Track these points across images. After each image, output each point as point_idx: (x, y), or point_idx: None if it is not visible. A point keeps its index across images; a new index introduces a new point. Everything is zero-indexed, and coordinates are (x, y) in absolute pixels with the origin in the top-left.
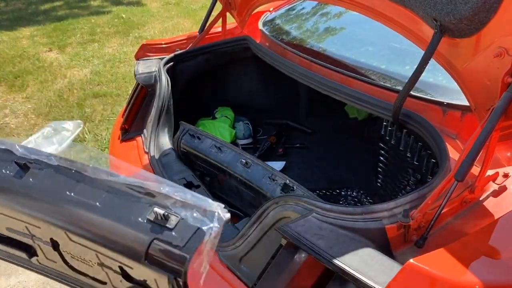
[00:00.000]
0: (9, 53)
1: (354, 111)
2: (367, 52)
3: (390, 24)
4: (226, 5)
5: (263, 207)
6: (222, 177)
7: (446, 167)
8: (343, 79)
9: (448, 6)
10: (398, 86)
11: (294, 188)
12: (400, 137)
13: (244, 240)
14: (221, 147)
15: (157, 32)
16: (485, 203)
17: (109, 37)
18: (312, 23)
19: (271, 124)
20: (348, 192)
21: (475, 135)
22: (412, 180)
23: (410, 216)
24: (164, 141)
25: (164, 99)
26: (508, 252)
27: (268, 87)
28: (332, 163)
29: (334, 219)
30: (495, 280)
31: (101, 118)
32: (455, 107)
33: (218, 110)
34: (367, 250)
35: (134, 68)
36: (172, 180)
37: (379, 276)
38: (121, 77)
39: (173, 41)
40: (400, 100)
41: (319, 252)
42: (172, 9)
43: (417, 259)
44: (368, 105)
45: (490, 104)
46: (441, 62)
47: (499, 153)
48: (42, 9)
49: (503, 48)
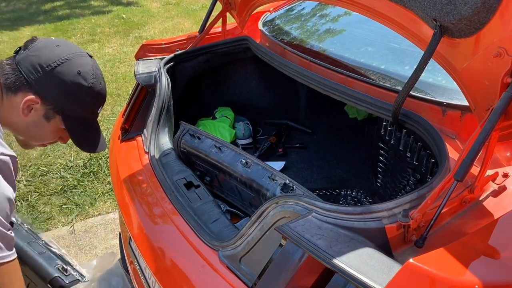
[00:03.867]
0: (10, 53)
1: (354, 111)
2: (366, 52)
3: (389, 24)
4: (226, 5)
5: (263, 207)
6: (222, 177)
7: (446, 167)
8: (343, 79)
9: (447, 6)
10: (398, 86)
11: (294, 188)
12: (400, 137)
13: (244, 240)
14: (221, 147)
15: (157, 32)
16: (485, 203)
17: (109, 37)
18: (312, 23)
19: (271, 124)
20: (348, 192)
21: (475, 135)
22: (411, 180)
23: (410, 216)
24: (164, 141)
25: (164, 99)
26: (508, 252)
27: (268, 87)
28: (332, 163)
29: (334, 218)
30: (495, 280)
31: (101, 118)
32: (454, 107)
33: (218, 110)
34: (366, 250)
35: (134, 68)
36: (172, 180)
37: (378, 275)
38: (121, 77)
39: (173, 41)
40: (399, 100)
41: (319, 252)
42: (172, 9)
43: (417, 258)
44: (367, 105)
45: (489, 104)
46: (441, 62)
47: (499, 153)
48: (42, 9)
49: (503, 48)
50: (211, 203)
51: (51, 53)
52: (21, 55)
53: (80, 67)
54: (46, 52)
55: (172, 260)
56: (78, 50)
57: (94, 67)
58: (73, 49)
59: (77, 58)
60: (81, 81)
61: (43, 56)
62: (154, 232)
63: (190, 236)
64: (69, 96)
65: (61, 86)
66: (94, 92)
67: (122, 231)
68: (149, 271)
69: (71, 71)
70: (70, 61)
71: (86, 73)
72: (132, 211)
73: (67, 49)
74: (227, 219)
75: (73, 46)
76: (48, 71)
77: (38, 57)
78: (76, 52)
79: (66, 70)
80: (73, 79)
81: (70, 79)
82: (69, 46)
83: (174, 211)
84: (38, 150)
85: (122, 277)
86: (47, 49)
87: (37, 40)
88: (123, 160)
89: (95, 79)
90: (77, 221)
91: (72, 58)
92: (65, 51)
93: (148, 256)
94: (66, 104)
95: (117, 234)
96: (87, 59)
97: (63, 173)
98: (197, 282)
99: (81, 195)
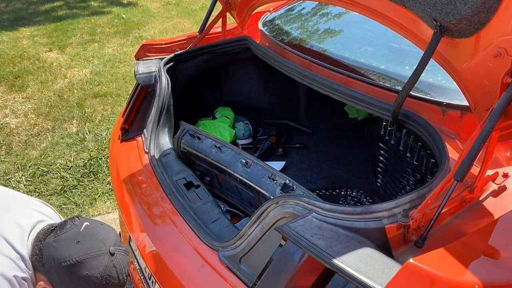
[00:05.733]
0: (10, 53)
1: (353, 111)
2: (366, 52)
3: (389, 24)
4: (226, 5)
5: (263, 207)
6: (222, 177)
7: (446, 167)
8: (343, 79)
9: (447, 6)
10: (398, 86)
11: (294, 188)
12: (400, 137)
13: (244, 240)
14: (221, 147)
15: (157, 32)
16: (485, 203)
17: (109, 37)
18: (312, 23)
19: (271, 124)
20: (348, 192)
21: (475, 135)
22: (411, 180)
23: (410, 216)
24: (164, 141)
25: (164, 99)
26: (508, 252)
27: (268, 87)
28: (332, 163)
29: (334, 219)
30: (495, 280)
31: (101, 118)
32: (454, 107)
33: (218, 110)
34: (366, 250)
35: (134, 68)
36: (172, 180)
37: (378, 275)
38: (121, 77)
39: (173, 41)
40: (399, 100)
41: (319, 252)
42: (172, 9)
43: (417, 259)
44: (367, 105)
45: (489, 104)
46: (441, 62)
47: (499, 153)
48: (42, 9)
49: (503, 48)
50: (211, 203)
51: (68, 250)
52: (49, 240)
53: (89, 271)
54: (64, 247)
55: (172, 260)
56: (98, 248)
57: (108, 268)
58: (92, 248)
59: (91, 260)
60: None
61: (60, 251)
62: (154, 232)
63: (190, 236)
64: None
65: (67, 282)
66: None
67: (122, 231)
68: (149, 271)
69: (79, 272)
70: (81, 263)
71: (94, 276)
72: (132, 211)
73: (85, 248)
74: (227, 219)
75: (95, 243)
76: (59, 268)
77: (56, 250)
78: (93, 252)
79: (75, 271)
80: (78, 280)
81: (76, 279)
82: (90, 243)
83: (174, 211)
84: (38, 149)
85: None
86: (66, 243)
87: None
88: (123, 160)
89: (104, 281)
90: None
91: (84, 260)
92: (81, 251)
93: (148, 256)
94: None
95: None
96: (102, 259)
97: (63, 173)
98: (197, 282)
99: (81, 195)
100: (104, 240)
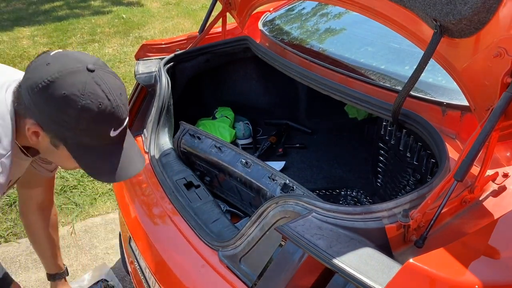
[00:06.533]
0: (10, 53)
1: (353, 111)
2: (366, 52)
3: (389, 24)
4: (226, 5)
5: (263, 207)
6: (222, 177)
7: (446, 167)
8: (343, 79)
9: (447, 6)
10: (398, 86)
11: (294, 188)
12: (400, 137)
13: (244, 240)
14: (221, 147)
15: (157, 32)
16: (485, 203)
17: (109, 37)
18: (312, 23)
19: (271, 124)
20: (348, 192)
21: (475, 135)
22: (411, 180)
23: (410, 216)
24: (164, 141)
25: (164, 99)
26: (508, 252)
27: (268, 87)
28: (332, 163)
29: (334, 219)
30: (495, 280)
31: None
32: (454, 107)
33: (218, 110)
34: (366, 249)
35: (134, 68)
36: (172, 180)
37: (378, 275)
38: (121, 77)
39: (173, 41)
40: (399, 100)
41: (319, 252)
42: (172, 9)
43: (417, 258)
44: (367, 105)
45: (489, 104)
46: (441, 62)
47: (499, 153)
48: (42, 9)
49: (503, 48)
50: (211, 203)
51: (39, 73)
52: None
53: (66, 89)
54: (36, 71)
55: (172, 260)
56: (72, 65)
57: (90, 84)
58: (65, 66)
59: (66, 77)
60: (67, 104)
61: (32, 77)
62: (154, 232)
63: (190, 236)
64: (58, 123)
65: (48, 111)
66: (90, 115)
67: (122, 231)
68: (149, 271)
69: (56, 93)
70: (54, 82)
71: (74, 94)
72: (132, 211)
73: (58, 67)
74: (227, 219)
75: (68, 61)
76: (34, 96)
77: (28, 79)
78: (67, 69)
79: (51, 93)
80: (58, 103)
81: (55, 103)
82: (63, 61)
83: (174, 211)
84: None
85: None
86: (36, 69)
87: (39, 57)
88: None
89: (89, 100)
90: (77, 221)
91: (57, 79)
92: (53, 70)
93: (148, 256)
94: (59, 130)
95: (117, 234)
96: (79, 76)
97: (63, 173)
98: (197, 282)
99: (81, 195)
100: (78, 59)
